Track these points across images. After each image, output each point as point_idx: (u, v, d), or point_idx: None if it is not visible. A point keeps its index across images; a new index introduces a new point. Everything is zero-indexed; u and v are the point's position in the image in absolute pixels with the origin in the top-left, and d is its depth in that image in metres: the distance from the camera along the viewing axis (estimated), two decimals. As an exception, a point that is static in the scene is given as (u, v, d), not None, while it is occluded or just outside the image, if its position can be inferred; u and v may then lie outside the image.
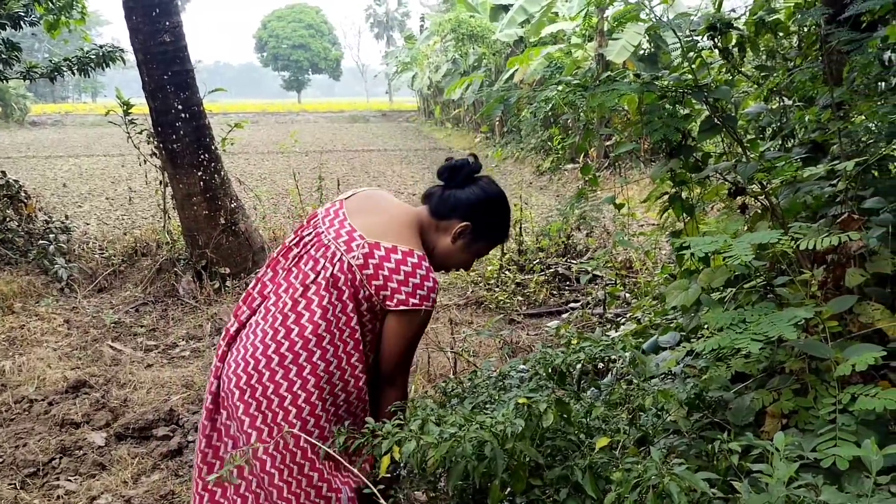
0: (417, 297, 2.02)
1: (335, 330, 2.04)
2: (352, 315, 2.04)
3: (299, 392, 2.02)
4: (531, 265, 6.98)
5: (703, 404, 1.95)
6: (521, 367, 1.86)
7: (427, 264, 2.07)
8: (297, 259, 2.15)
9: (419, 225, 2.17)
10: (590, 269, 5.96)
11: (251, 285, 2.23)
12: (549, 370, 1.83)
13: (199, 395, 4.53)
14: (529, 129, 18.27)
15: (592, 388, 1.98)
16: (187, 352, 5.44)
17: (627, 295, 5.68)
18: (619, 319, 4.86)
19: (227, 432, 2.16)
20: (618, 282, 5.89)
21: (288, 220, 9.91)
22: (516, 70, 18.30)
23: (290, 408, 2.01)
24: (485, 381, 1.98)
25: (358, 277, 2.03)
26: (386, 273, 2.02)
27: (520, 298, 6.35)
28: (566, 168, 15.64)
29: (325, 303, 2.04)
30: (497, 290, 6.51)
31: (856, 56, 2.67)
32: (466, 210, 2.16)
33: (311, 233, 2.17)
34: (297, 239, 2.19)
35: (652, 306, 4.21)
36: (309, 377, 2.02)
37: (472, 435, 1.46)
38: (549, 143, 17.09)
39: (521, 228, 7.47)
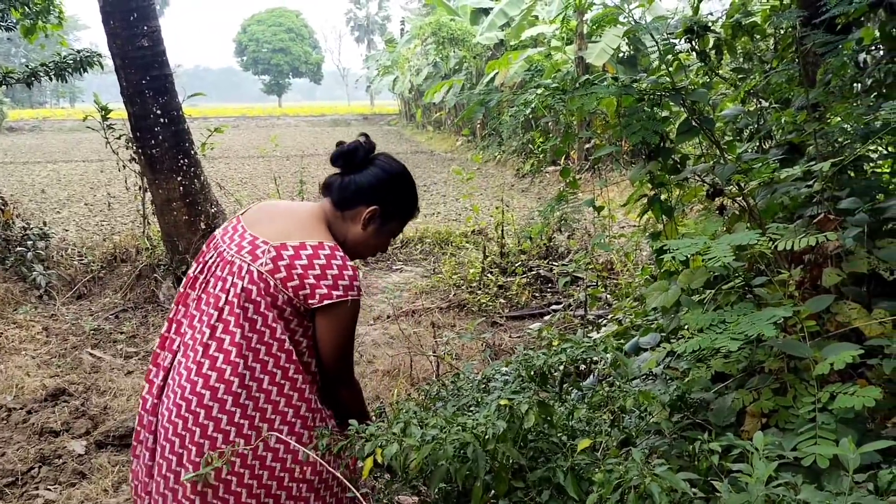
0: (340, 288, 1.93)
1: (260, 346, 1.94)
2: (275, 325, 1.95)
3: (241, 421, 1.92)
4: (513, 268, 7.00)
5: (685, 405, 1.97)
6: (504, 369, 1.85)
7: (341, 254, 1.98)
8: (204, 285, 2.04)
9: (324, 218, 2.08)
10: (571, 271, 5.99)
11: (164, 328, 2.10)
12: (531, 372, 1.83)
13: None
14: (510, 132, 18.31)
15: (574, 390, 1.99)
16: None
17: (609, 296, 5.71)
18: (600, 321, 4.88)
19: (167, 467, 2.00)
20: (599, 283, 5.91)
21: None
22: (497, 73, 18.34)
23: (236, 439, 1.91)
24: (467, 384, 1.97)
25: (271, 284, 1.93)
26: (300, 271, 1.92)
27: (502, 301, 6.36)
28: (547, 170, 15.70)
29: (241, 321, 1.93)
30: (479, 292, 6.52)
31: (831, 58, 2.70)
32: (371, 194, 2.07)
33: (213, 255, 2.06)
34: (201, 266, 2.08)
35: (633, 307, 4.24)
36: (247, 402, 1.92)
37: (453, 437, 1.46)
38: (531, 146, 17.14)
39: (503, 231, 7.49)
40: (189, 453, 1.93)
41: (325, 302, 1.92)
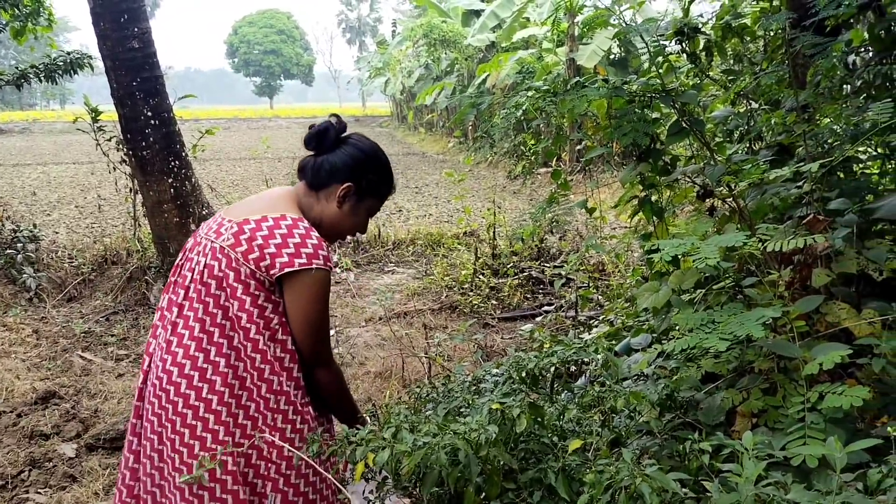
0: (303, 255, 1.92)
1: (225, 321, 1.95)
2: (243, 298, 1.94)
3: (209, 396, 1.93)
4: (505, 269, 7.00)
5: (675, 405, 1.97)
6: (495, 371, 1.85)
7: (305, 225, 1.98)
8: (179, 270, 2.09)
9: (296, 199, 2.09)
10: (563, 272, 6.00)
11: (156, 318, 2.15)
12: (522, 374, 1.83)
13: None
14: (502, 134, 18.34)
15: (566, 391, 1.99)
16: (159, 361, 5.38)
17: (600, 297, 5.72)
18: (591, 322, 4.89)
19: (154, 458, 2.05)
20: (590, 285, 5.92)
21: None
22: (488, 75, 18.36)
23: (206, 416, 1.93)
24: (459, 386, 1.97)
25: (233, 258, 1.94)
26: (260, 242, 1.93)
27: (494, 302, 6.37)
28: (539, 172, 15.72)
29: (204, 297, 1.96)
30: (471, 294, 6.53)
31: (820, 60, 2.71)
32: (345, 172, 2.07)
33: (191, 243, 2.10)
34: (182, 255, 2.12)
35: (624, 308, 4.25)
36: (214, 378, 1.94)
37: (445, 442, 1.45)
38: (522, 148, 17.17)
39: (494, 232, 7.50)
40: (169, 429, 1.97)
41: (286, 270, 1.91)
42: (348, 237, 2.25)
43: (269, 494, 2.01)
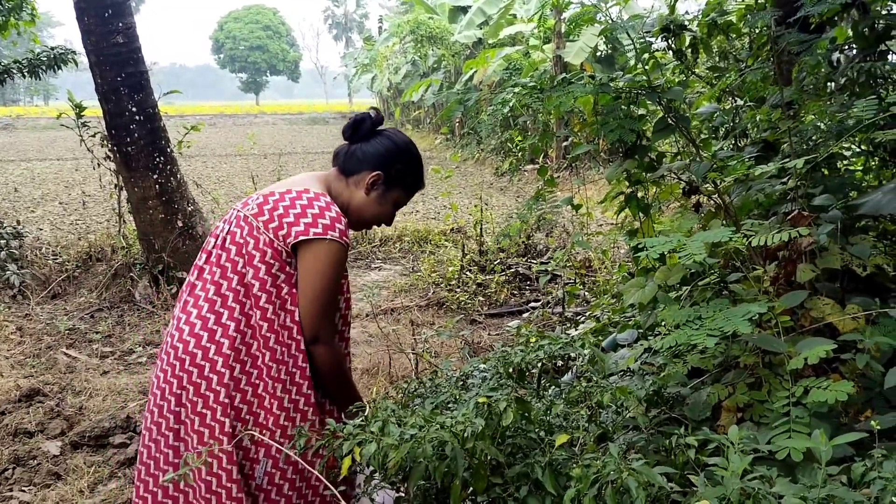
0: (319, 226, 1.97)
1: (240, 286, 2.01)
2: (259, 266, 2.00)
3: (215, 357, 1.99)
4: (492, 266, 7.01)
5: (661, 400, 1.98)
6: (482, 366, 1.85)
7: (327, 199, 2.04)
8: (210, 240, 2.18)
9: (326, 183, 2.16)
10: (549, 269, 6.01)
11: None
12: (509, 369, 1.83)
13: (158, 401, 4.47)
14: (489, 131, 18.34)
15: (553, 387, 2.00)
16: (144, 358, 5.35)
17: (587, 294, 5.73)
18: (578, 318, 4.90)
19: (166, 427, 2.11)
20: (577, 281, 5.94)
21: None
22: (475, 72, 18.36)
23: (210, 375, 1.99)
24: (446, 382, 1.97)
25: (254, 225, 2.01)
26: (280, 212, 2.00)
27: (481, 299, 6.37)
28: (526, 169, 15.74)
29: (223, 261, 2.04)
30: (458, 290, 6.53)
31: (805, 57, 2.73)
32: (375, 160, 2.14)
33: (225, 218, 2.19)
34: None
35: (610, 304, 4.26)
36: (222, 340, 1.99)
37: (432, 435, 1.46)
38: (509, 145, 17.17)
39: (481, 229, 7.50)
40: (178, 390, 2.02)
41: (301, 238, 1.96)
42: (374, 227, 2.29)
43: (260, 459, 2.04)
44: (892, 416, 1.77)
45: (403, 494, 1.78)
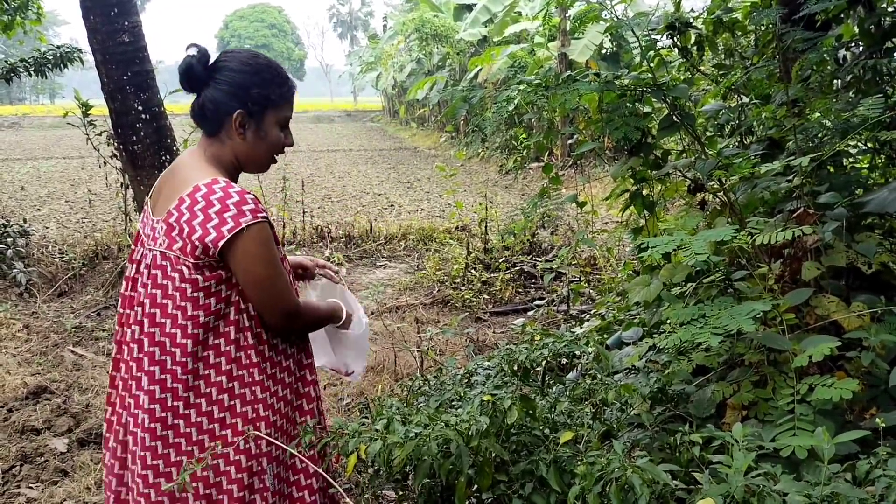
0: (228, 221, 1.78)
1: (181, 323, 1.85)
2: (183, 287, 1.84)
3: (180, 370, 1.86)
4: (497, 264, 7.01)
5: (666, 398, 1.98)
6: (487, 364, 1.86)
7: (220, 185, 1.82)
8: (131, 284, 1.99)
9: (202, 155, 1.95)
10: (553, 266, 6.01)
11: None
12: (514, 367, 1.84)
13: (164, 399, 4.48)
14: (494, 129, 18.35)
15: (557, 384, 2.00)
16: (151, 356, 5.37)
17: (592, 292, 5.73)
18: (583, 316, 4.90)
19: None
20: (582, 279, 5.94)
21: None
22: (480, 70, 18.35)
23: (183, 394, 1.87)
24: (450, 379, 1.98)
25: (173, 257, 1.83)
26: (187, 230, 1.80)
27: (486, 297, 6.37)
28: (531, 167, 15.73)
29: (158, 301, 1.87)
30: (463, 288, 6.53)
31: (808, 54, 2.72)
32: (228, 100, 1.89)
33: (139, 251, 1.99)
34: (135, 265, 2.01)
35: (615, 302, 4.26)
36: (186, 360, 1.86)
37: (437, 433, 1.46)
38: (514, 143, 17.17)
39: (486, 227, 7.51)
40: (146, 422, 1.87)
41: (220, 243, 1.78)
42: (278, 157, 2.07)
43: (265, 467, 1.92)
44: (897, 415, 1.77)
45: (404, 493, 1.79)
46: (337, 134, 32.25)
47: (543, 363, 2.12)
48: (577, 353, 1.73)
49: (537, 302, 6.13)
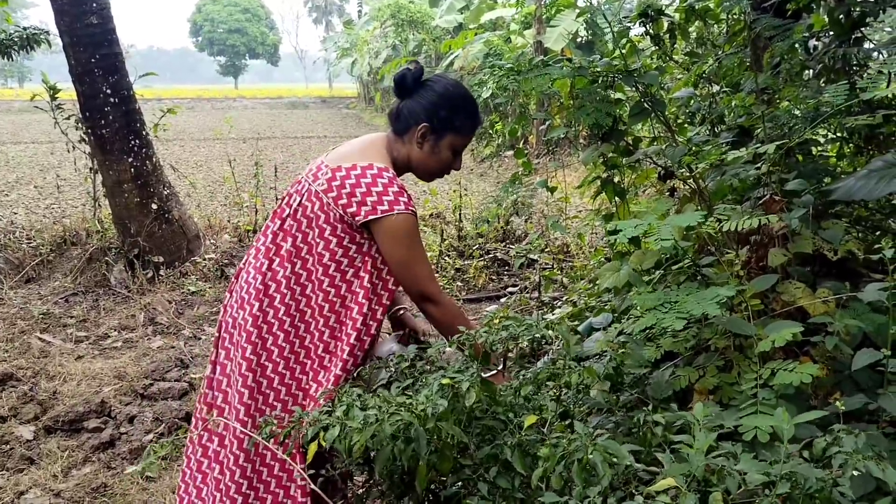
0: (385, 203, 2.09)
1: (303, 245, 2.20)
2: (329, 238, 2.16)
3: (284, 318, 2.20)
4: (471, 251, 7.01)
5: (621, 378, 1.99)
6: (449, 349, 1.86)
7: (389, 174, 2.14)
8: (282, 201, 2.31)
9: (386, 145, 2.27)
10: (518, 251, 6.02)
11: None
12: (471, 351, 1.83)
13: (132, 385, 4.44)
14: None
15: (522, 369, 2.00)
16: (119, 342, 5.31)
17: (565, 279, 5.75)
18: (556, 303, 4.92)
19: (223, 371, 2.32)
20: (555, 266, 5.96)
21: (225, 207, 9.74)
22: (456, 56, 18.29)
23: (277, 333, 2.20)
24: (409, 365, 1.96)
25: (325, 201, 2.14)
26: (348, 190, 2.11)
27: (459, 284, 6.38)
28: (506, 154, 15.72)
29: (295, 231, 2.20)
30: (437, 275, 6.52)
31: (777, 42, 2.74)
32: (420, 113, 2.22)
33: (295, 183, 2.32)
34: (288, 189, 2.34)
35: (587, 289, 4.28)
36: (290, 302, 2.20)
37: (394, 418, 1.46)
38: (490, 131, 17.15)
39: (460, 214, 7.50)
40: (243, 344, 2.21)
41: (370, 217, 2.10)
42: (445, 175, 2.38)
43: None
44: (859, 399, 1.79)
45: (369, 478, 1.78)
46: (312, 120, 32.01)
47: (513, 348, 2.13)
48: (543, 337, 1.73)
49: (510, 289, 6.14)
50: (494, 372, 2.03)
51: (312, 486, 1.65)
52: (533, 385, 1.78)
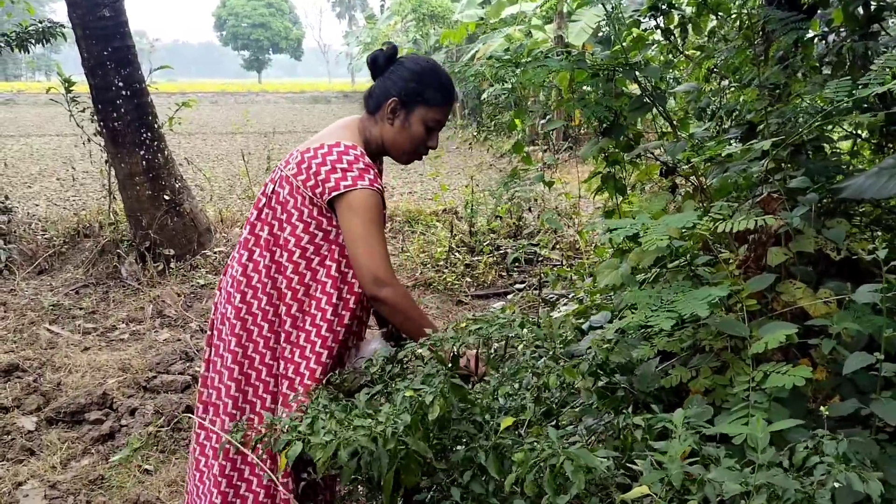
0: (348, 178, 2.07)
1: (271, 237, 2.20)
2: (296, 224, 2.15)
3: (256, 311, 2.22)
4: (481, 247, 6.96)
5: (605, 373, 1.93)
6: (420, 351, 1.79)
7: (356, 152, 2.12)
8: (260, 193, 2.32)
9: (359, 126, 2.26)
10: (523, 249, 5.97)
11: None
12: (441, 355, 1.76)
13: (136, 378, 4.44)
14: (491, 111, 18.24)
15: (500, 370, 1.94)
16: (126, 335, 5.32)
17: (574, 276, 5.68)
18: (563, 300, 4.85)
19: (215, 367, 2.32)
20: (564, 263, 5.89)
21: (243, 200, 9.76)
22: (477, 51, 18.21)
23: (262, 323, 2.21)
24: (380, 369, 1.90)
25: (294, 185, 2.14)
26: (314, 170, 2.10)
27: (468, 280, 6.33)
28: (527, 150, 15.64)
29: (270, 219, 2.20)
30: (446, 271, 6.48)
31: (782, 36, 2.66)
32: (391, 88, 2.20)
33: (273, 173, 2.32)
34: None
35: (591, 287, 4.21)
36: (272, 291, 2.21)
37: (351, 439, 1.41)
38: (509, 126, 17.06)
39: (472, 209, 7.45)
40: (230, 330, 2.24)
41: (333, 193, 2.08)
42: (422, 155, 2.33)
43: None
44: (850, 403, 1.72)
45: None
46: (333, 115, 31.95)
47: (490, 349, 2.09)
48: (518, 336, 1.68)
49: (519, 285, 6.08)
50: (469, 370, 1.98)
51: (286, 492, 1.61)
52: (511, 384, 1.72)
